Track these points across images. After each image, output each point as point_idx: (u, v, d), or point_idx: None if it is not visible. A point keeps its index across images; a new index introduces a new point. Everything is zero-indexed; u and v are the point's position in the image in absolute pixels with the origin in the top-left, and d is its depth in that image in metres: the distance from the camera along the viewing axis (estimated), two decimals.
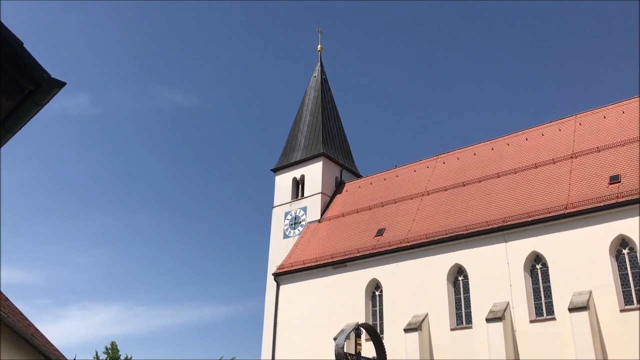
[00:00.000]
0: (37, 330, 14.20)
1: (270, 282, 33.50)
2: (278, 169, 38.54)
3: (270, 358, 31.15)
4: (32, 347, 12.75)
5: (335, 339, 23.73)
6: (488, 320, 23.94)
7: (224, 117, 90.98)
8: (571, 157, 27.12)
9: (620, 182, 23.92)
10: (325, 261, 30.80)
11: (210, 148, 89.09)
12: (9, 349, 12.38)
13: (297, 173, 37.51)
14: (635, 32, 67.58)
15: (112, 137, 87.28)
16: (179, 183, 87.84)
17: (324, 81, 41.83)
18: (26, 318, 14.45)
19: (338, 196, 36.14)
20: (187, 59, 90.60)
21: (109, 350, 39.35)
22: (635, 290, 22.20)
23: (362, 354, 19.75)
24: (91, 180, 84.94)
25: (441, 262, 26.90)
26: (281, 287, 32.51)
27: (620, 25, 73.37)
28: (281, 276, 32.56)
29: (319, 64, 42.78)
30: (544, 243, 24.44)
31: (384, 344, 20.74)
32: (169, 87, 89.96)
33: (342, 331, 23.38)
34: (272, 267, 34.10)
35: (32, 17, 74.98)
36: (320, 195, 35.62)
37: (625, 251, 22.90)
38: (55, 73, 4.65)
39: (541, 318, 23.71)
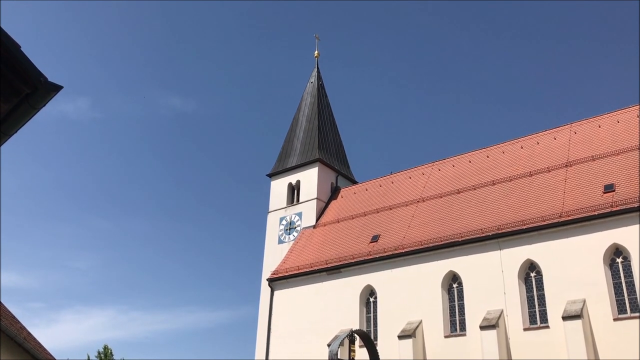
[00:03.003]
0: (29, 333, 14.14)
1: (265, 288, 33.41)
2: (274, 174, 38.50)
3: None
4: (24, 351, 12.69)
5: (329, 345, 23.70)
6: (482, 327, 23.93)
7: (221, 122, 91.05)
8: (566, 165, 27.20)
9: (614, 191, 23.99)
10: (320, 267, 30.74)
11: (206, 153, 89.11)
12: (1, 352, 12.32)
13: (292, 178, 37.49)
14: (632, 40, 67.98)
15: (110, 141, 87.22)
16: (175, 188, 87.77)
17: (320, 87, 41.87)
18: (18, 321, 14.39)
19: (333, 202, 36.12)
20: (185, 64, 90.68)
21: (102, 354, 39.12)
22: (629, 299, 22.22)
23: None
24: (87, 184, 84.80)
25: (436, 269, 26.88)
26: (275, 292, 32.42)
27: (616, 34, 73.82)
28: (275, 282, 32.48)
29: (315, 69, 42.83)
30: (539, 251, 24.47)
31: (378, 351, 20.69)
32: (168, 91, 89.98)
33: (336, 337, 23.33)
34: (266, 273, 34.01)
35: (31, 20, 74.94)
36: (315, 200, 35.60)
37: (619, 260, 22.95)
38: (52, 76, 4.65)
39: (535, 326, 23.71)
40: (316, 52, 43.45)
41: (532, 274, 24.65)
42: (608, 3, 70.47)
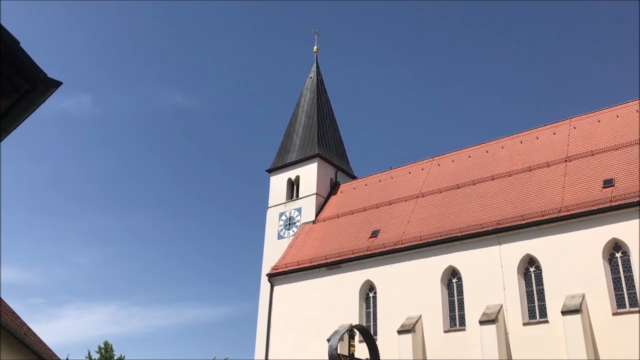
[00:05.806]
0: (29, 329, 14.16)
1: (264, 283, 33.44)
2: (273, 170, 38.49)
3: (264, 359, 31.10)
4: (24, 346, 12.70)
5: (328, 340, 23.72)
6: (481, 322, 23.96)
7: (221, 117, 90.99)
8: (565, 160, 27.20)
9: (614, 185, 24.00)
10: (320, 262, 30.76)
11: (206, 148, 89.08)
12: (2, 348, 12.32)
13: (292, 174, 37.48)
14: (632, 35, 67.88)
15: (111, 137, 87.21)
16: (175, 184, 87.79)
17: (319, 82, 41.81)
18: (19, 317, 14.40)
19: (333, 197, 36.12)
20: (186, 60, 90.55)
21: (102, 350, 39.27)
22: (627, 293, 22.25)
23: (356, 356, 19.72)
24: (89, 180, 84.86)
25: (435, 264, 26.91)
26: (275, 287, 32.46)
27: (616, 29, 73.73)
28: (275, 277, 32.51)
29: (314, 65, 42.76)
30: (538, 246, 24.48)
31: (378, 346, 20.71)
32: (169, 88, 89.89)
33: (335, 332, 23.33)
34: (266, 268, 34.04)
35: (32, 17, 74.74)
36: (315, 196, 35.60)
37: (618, 255, 22.97)
38: (53, 73, 4.64)
39: (534, 321, 23.75)
40: (315, 47, 43.40)
41: (532, 269, 24.67)
42: None
